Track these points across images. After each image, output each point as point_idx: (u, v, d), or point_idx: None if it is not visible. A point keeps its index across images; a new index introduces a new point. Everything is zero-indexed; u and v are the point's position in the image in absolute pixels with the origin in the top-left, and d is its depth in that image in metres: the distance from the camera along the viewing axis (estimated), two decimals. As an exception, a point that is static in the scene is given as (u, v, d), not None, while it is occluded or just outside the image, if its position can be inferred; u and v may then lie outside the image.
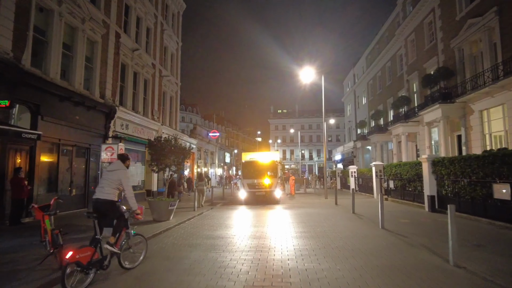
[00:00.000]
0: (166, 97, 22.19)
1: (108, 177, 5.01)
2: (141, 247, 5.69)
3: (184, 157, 11.47)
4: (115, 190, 4.97)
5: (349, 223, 9.57)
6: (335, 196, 15.69)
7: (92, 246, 4.49)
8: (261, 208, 15.18)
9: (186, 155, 11.49)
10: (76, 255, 4.10)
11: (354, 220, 10.21)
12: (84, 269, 4.27)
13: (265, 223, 9.85)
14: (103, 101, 14.10)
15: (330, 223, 9.51)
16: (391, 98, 28.64)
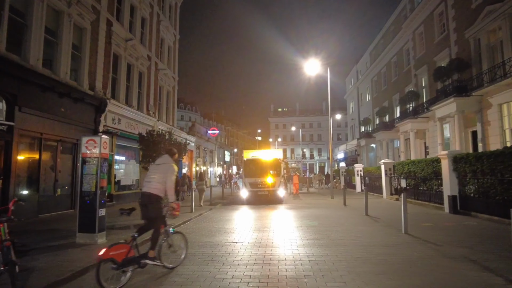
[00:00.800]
0: (162, 92, 21.09)
1: (156, 170, 4.96)
2: (181, 245, 5.44)
3: (181, 154, 10.37)
4: (162, 184, 4.81)
5: (365, 227, 8.48)
6: (343, 196, 14.57)
7: (127, 244, 4.36)
8: (264, 208, 14.11)
9: (181, 151, 10.40)
10: (109, 252, 4.00)
11: (370, 223, 9.13)
12: (119, 266, 4.10)
13: (270, 227, 8.76)
14: (93, 93, 13.00)
15: (343, 228, 8.42)
16: (397, 94, 27.58)
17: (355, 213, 11.38)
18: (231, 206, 15.53)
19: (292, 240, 6.92)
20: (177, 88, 23.69)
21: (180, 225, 9.37)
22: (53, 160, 11.06)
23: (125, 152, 15.99)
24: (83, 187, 6.72)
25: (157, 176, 4.85)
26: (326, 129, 74.87)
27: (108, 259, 3.97)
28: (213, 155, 36.72)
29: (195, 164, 28.52)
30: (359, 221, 9.52)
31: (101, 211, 6.72)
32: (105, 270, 3.94)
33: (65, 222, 9.41)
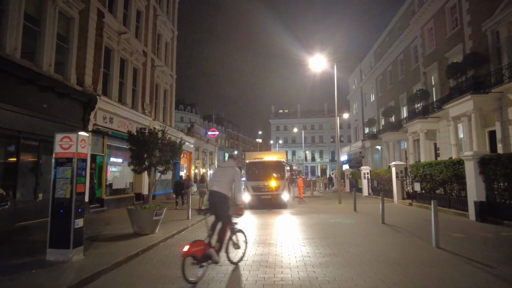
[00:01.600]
0: (159, 90, 20.01)
1: (223, 173, 5.44)
2: (243, 243, 5.86)
3: (173, 154, 9.26)
4: (228, 185, 5.25)
5: (387, 238, 7.36)
6: (353, 201, 13.43)
7: (204, 241, 4.82)
8: (268, 214, 13.01)
9: (176, 152, 9.29)
10: (192, 249, 4.47)
11: (391, 234, 8.00)
12: (199, 261, 4.58)
13: (277, 239, 7.64)
14: (81, 88, 11.92)
15: (362, 239, 7.30)
16: (405, 93, 26.50)
17: (369, 221, 10.26)
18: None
19: (305, 257, 5.80)
20: (175, 87, 22.62)
21: (174, 235, 8.25)
22: (33, 162, 9.96)
23: (117, 154, 14.90)
24: (56, 193, 5.62)
25: (224, 177, 5.33)
26: (328, 131, 73.78)
27: (190, 254, 4.46)
28: (213, 157, 35.62)
29: (194, 166, 27.39)
30: (377, 231, 8.40)
31: (77, 222, 5.61)
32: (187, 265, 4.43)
33: (44, 232, 8.26)
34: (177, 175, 23.00)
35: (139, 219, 8.20)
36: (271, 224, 10.16)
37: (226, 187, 5.24)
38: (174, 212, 13.21)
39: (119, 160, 15.21)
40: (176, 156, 9.38)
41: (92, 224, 9.81)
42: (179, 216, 11.89)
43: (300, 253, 6.09)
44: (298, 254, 6.03)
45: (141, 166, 8.79)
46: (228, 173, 5.38)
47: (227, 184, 5.28)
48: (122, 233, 8.38)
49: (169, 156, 9.14)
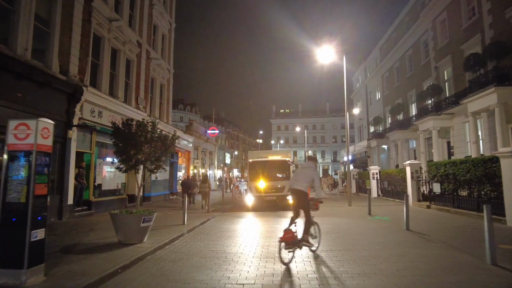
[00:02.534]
0: (155, 84, 18.78)
1: (302, 172, 6.17)
2: (317, 233, 6.46)
3: (165, 150, 8.00)
4: (307, 183, 5.91)
5: (423, 251, 6.08)
6: (368, 203, 12.15)
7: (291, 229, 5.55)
8: (273, 218, 11.78)
9: (168, 148, 8.03)
10: (285, 235, 5.38)
11: (423, 244, 6.73)
12: (289, 246, 5.39)
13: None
14: (65, 78, 10.68)
15: (392, 252, 6.03)
16: (413, 90, 25.28)
17: (390, 226, 8.98)
18: (233, 214, 13.20)
19: (329, 280, 4.52)
20: (172, 82, 21.39)
21: (165, 245, 6.98)
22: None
23: (108, 151, 13.63)
24: (8, 196, 4.35)
25: (304, 176, 5.96)
26: (330, 131, 72.56)
27: (284, 240, 5.32)
28: (213, 157, 34.36)
29: (193, 166, 26.14)
30: (404, 240, 7.13)
31: (35, 233, 4.35)
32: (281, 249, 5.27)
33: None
34: (174, 175, 21.77)
35: (124, 226, 6.95)
36: (278, 230, 8.88)
37: (305, 185, 5.87)
38: (169, 216, 11.95)
39: (109, 158, 13.94)
40: (168, 152, 8.11)
41: (73, 231, 8.57)
42: (174, 220, 10.63)
43: (320, 275, 4.81)
44: (319, 275, 4.76)
45: (128, 164, 7.52)
46: (308, 172, 6.06)
47: (306, 183, 5.90)
48: (105, 242, 7.12)
49: (161, 152, 7.87)
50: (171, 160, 20.82)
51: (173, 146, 8.26)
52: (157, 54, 18.92)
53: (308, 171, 6.08)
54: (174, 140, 8.26)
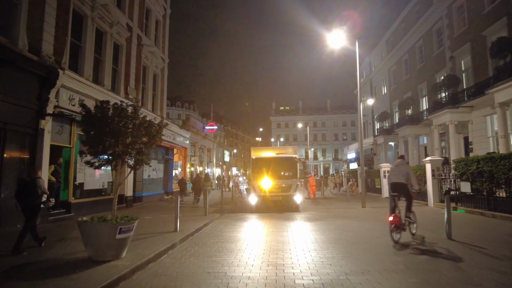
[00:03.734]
0: (147, 73, 17.14)
1: (398, 169, 7.42)
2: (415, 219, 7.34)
3: (150, 141, 6.40)
4: (404, 177, 7.16)
5: (497, 275, 4.51)
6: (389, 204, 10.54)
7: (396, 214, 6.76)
8: (280, 221, 10.26)
9: (153, 137, 6.43)
10: (395, 219, 6.63)
11: (489, 262, 5.16)
12: (397, 228, 6.62)
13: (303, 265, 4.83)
14: (37, 58, 9.05)
15: (456, 274, 4.46)
16: (425, 83, 23.75)
17: (428, 235, 7.41)
18: (234, 216, 11.68)
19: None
20: (167, 73, 19.76)
21: (148, 263, 5.40)
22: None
23: (92, 146, 11.99)
24: None
25: (400, 172, 7.30)
26: (331, 129, 71.06)
27: (394, 223, 6.61)
28: (211, 154, 32.75)
29: (190, 164, 24.53)
30: (460, 255, 5.56)
31: None
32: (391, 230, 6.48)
33: None
34: (170, 173, 20.18)
35: (95, 238, 5.35)
36: (285, 241, 7.30)
37: (403, 178, 7.15)
38: (161, 220, 10.36)
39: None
40: (153, 143, 6.50)
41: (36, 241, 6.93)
42: (166, 225, 9.04)
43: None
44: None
45: (102, 158, 5.92)
46: (403, 168, 7.36)
47: (403, 176, 7.16)
48: (71, 258, 5.54)
49: (145, 143, 6.28)
50: (166, 157, 19.23)
51: (160, 136, 6.65)
52: (150, 40, 17.29)
53: (402, 167, 7.41)
54: (161, 128, 6.65)
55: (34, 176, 6.37)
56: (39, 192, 6.22)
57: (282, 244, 6.80)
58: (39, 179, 6.41)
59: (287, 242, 6.92)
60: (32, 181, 6.24)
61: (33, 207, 6.17)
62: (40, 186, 6.24)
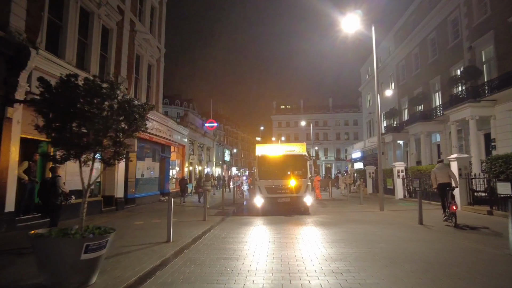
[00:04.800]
0: (142, 63, 15.66)
1: (442, 171, 9.26)
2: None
3: (133, 127, 4.93)
4: (448, 177, 9.05)
5: None
6: (419, 208, 9.07)
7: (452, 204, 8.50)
8: (292, 226, 8.86)
9: (135, 124, 4.95)
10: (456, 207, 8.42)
11: None
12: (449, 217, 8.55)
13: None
14: (3, 34, 7.57)
15: None
16: (438, 77, 22.33)
17: (483, 249, 5.94)
18: (238, 220, 10.24)
19: None
20: (163, 64, 18.28)
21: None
22: None
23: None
24: None
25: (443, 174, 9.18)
26: (333, 128, 69.63)
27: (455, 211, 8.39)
28: (211, 153, 31.27)
29: (188, 163, 23.04)
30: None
31: None
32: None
33: None
34: (166, 173, 18.71)
35: (53, 258, 3.88)
36: (305, 256, 5.83)
37: (447, 179, 9.06)
38: (153, 226, 8.89)
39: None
40: (134, 130, 5.03)
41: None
42: (157, 233, 7.56)
43: None
44: None
45: (68, 149, 4.45)
46: (445, 171, 9.30)
47: (448, 177, 9.07)
48: (19, 285, 4.06)
49: (122, 131, 4.81)
50: (162, 155, 17.76)
51: (143, 121, 5.16)
52: (145, 27, 15.81)
53: (444, 170, 9.32)
54: (147, 110, 5.16)
55: (54, 175, 6.52)
56: (59, 191, 6.38)
57: (302, 262, 5.32)
58: (59, 177, 6.54)
59: (308, 259, 5.45)
60: (53, 180, 6.41)
61: (54, 206, 6.35)
62: (60, 185, 6.40)
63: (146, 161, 15.80)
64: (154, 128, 15.93)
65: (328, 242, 6.83)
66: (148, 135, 15.03)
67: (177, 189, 20.02)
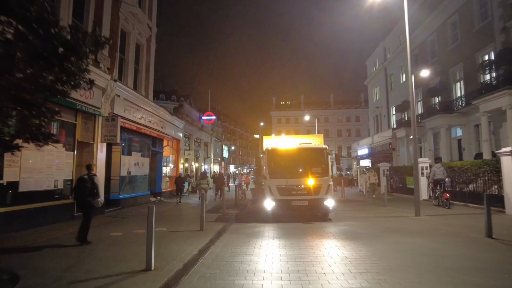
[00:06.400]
0: (128, 41, 13.36)
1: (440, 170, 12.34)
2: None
3: (72, 78, 2.65)
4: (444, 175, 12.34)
5: None
6: (487, 215, 6.84)
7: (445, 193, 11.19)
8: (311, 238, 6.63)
9: (77, 69, 2.65)
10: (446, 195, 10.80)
11: None
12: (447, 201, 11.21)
13: None
14: None
15: None
16: (460, 64, 20.23)
17: None
18: (244, 230, 8.04)
19: None
20: (155, 45, 15.95)
21: None
22: None
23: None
24: None
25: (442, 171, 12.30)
26: (334, 124, 67.54)
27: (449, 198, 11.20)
28: (209, 149, 28.99)
29: (184, 159, 20.76)
30: None
31: None
32: None
33: None
34: (158, 170, 16.46)
35: None
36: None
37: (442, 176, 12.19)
38: (132, 241, 6.63)
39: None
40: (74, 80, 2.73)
41: None
42: (135, 253, 5.32)
43: None
44: None
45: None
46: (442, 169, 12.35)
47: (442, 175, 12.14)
48: None
49: (52, 84, 2.52)
50: (153, 149, 15.46)
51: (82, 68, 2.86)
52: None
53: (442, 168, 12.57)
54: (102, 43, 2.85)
55: (91, 174, 6.48)
56: (96, 190, 6.35)
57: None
58: (96, 176, 6.52)
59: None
60: (90, 178, 6.36)
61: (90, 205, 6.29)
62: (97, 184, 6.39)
63: (134, 156, 13.52)
64: (143, 118, 13.66)
65: (381, 270, 4.62)
66: (135, 125, 12.74)
67: (171, 188, 17.81)
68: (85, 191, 6.20)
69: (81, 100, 9.39)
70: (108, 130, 10.66)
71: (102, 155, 10.80)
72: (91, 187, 6.26)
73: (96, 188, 6.34)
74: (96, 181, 6.39)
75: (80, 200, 6.29)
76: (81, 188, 6.23)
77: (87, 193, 6.21)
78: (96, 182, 6.38)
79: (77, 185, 6.44)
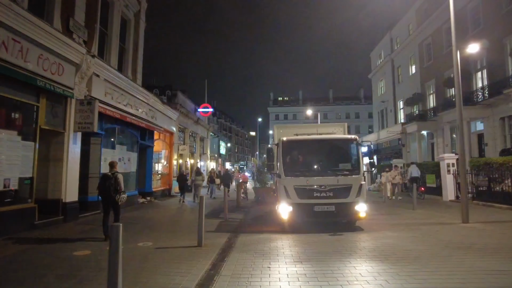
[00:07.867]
0: (111, 13, 11.23)
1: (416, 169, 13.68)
2: None
3: None
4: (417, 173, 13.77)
5: None
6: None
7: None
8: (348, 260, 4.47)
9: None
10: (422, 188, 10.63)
11: None
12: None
13: None
14: None
15: None
16: (482, 51, 18.32)
17: None
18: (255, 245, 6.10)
19: None
20: (145, 23, 13.81)
21: None
22: None
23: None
24: None
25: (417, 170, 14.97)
26: (333, 121, 65.75)
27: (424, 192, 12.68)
28: (205, 144, 26.91)
29: (177, 154, 18.67)
30: None
31: None
32: None
33: None
34: (148, 167, 14.40)
35: None
36: None
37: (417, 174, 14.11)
38: (100, 267, 4.59)
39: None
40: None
41: None
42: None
43: None
44: None
45: None
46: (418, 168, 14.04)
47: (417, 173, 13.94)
48: None
49: None
50: (141, 142, 13.36)
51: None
52: (116, -37, 11.33)
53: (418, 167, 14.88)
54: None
55: (114, 171, 6.61)
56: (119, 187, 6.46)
57: None
58: (119, 174, 6.65)
59: None
60: (113, 175, 6.48)
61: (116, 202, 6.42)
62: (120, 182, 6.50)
63: (118, 150, 11.45)
64: (129, 105, 11.58)
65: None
66: (118, 113, 10.64)
67: (163, 187, 15.82)
68: (110, 187, 6.32)
69: (44, 76, 7.31)
70: (82, 116, 8.58)
71: (76, 148, 8.73)
72: (114, 184, 6.37)
73: (119, 185, 6.45)
74: (119, 178, 6.50)
75: (108, 197, 6.39)
76: (106, 185, 6.35)
77: (112, 189, 6.32)
78: (120, 179, 6.49)
79: (101, 182, 6.55)
